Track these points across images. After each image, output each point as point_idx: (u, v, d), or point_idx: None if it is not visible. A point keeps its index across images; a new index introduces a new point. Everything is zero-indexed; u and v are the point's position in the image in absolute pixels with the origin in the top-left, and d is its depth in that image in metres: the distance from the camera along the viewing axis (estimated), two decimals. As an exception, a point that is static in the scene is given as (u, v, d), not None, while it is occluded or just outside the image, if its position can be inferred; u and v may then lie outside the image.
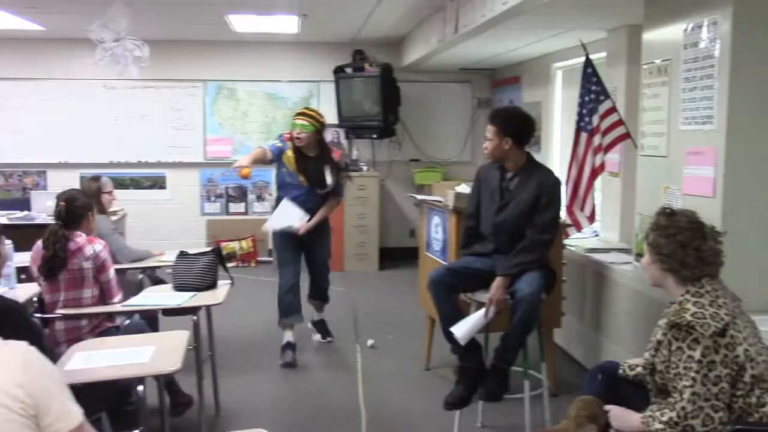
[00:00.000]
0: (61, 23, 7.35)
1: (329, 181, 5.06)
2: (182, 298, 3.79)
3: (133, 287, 4.51)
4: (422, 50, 7.33)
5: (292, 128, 4.96)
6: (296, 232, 5.00)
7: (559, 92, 7.13)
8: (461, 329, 3.51)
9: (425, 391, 4.55)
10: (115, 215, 5.39)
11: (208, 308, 3.95)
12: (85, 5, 6.02)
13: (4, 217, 7.01)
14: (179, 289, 3.96)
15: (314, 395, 4.53)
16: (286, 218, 5.05)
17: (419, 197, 5.21)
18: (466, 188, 4.29)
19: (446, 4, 6.04)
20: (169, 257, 4.61)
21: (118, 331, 3.66)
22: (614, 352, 4.32)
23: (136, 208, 8.11)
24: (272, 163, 5.05)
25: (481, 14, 5.06)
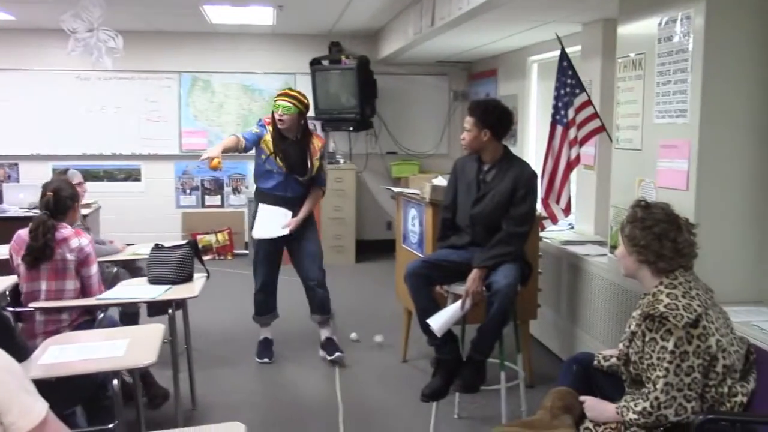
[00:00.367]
0: (32, 13, 7.24)
1: (309, 166, 4.78)
2: (157, 291, 3.76)
3: (107, 281, 4.47)
4: (399, 43, 7.32)
5: (274, 110, 4.68)
6: (286, 233, 4.75)
7: (535, 85, 7.16)
8: (438, 321, 3.53)
9: (402, 383, 4.56)
10: (88, 208, 5.32)
11: (183, 301, 3.93)
12: (57, -5, 5.95)
13: (-26, 210, 6.91)
14: (154, 282, 3.93)
15: (291, 388, 4.52)
16: (271, 222, 4.81)
17: (396, 190, 5.21)
18: (442, 181, 4.30)
19: (423, -4, 6.04)
20: (143, 250, 4.57)
21: (94, 324, 3.63)
22: (589, 343, 4.36)
23: (110, 200, 8.03)
24: (247, 151, 4.75)
25: (457, 7, 5.07)
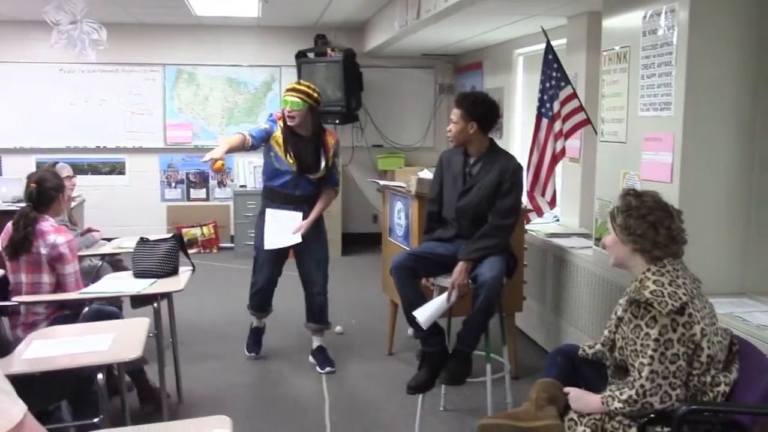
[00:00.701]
0: (14, 4, 7.17)
1: (322, 165, 4.52)
2: (142, 285, 3.74)
3: (90, 275, 4.45)
4: (384, 36, 7.31)
5: (283, 105, 4.42)
6: (299, 241, 4.51)
7: (520, 78, 7.17)
8: (424, 314, 3.53)
9: (388, 376, 4.57)
10: (73, 201, 5.29)
11: (169, 295, 3.91)
12: (39, -14, 5.88)
13: (-43, 203, 6.85)
14: (139, 276, 3.91)
15: (277, 382, 4.52)
16: (280, 229, 4.54)
17: (382, 183, 5.21)
18: (428, 174, 4.30)
19: (408, -11, 6.03)
20: (128, 244, 4.55)
21: (73, 319, 3.60)
22: (574, 335, 4.38)
23: (94, 194, 7.99)
24: (255, 149, 4.49)
25: (443, -1, 5.06)
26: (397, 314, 4.77)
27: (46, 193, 3.72)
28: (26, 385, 2.52)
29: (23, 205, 3.75)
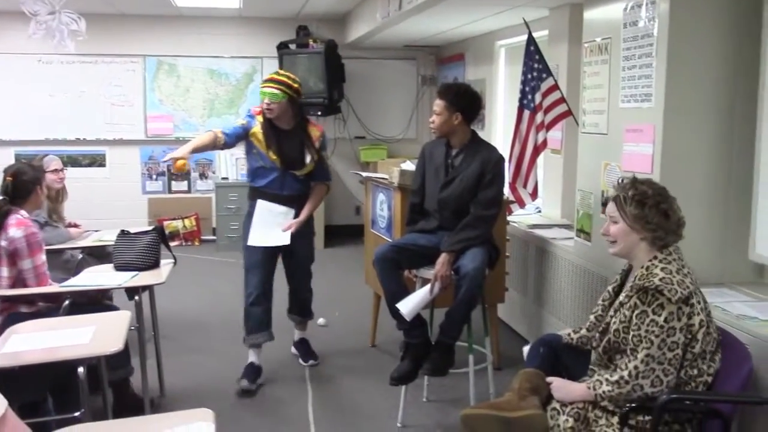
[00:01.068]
0: (-9, -5, 7.08)
1: (308, 160, 4.26)
2: (123, 278, 3.72)
3: (68, 269, 4.41)
4: (366, 27, 7.29)
5: (261, 97, 4.16)
6: (287, 242, 4.25)
7: (502, 70, 7.18)
8: (407, 306, 3.53)
9: (371, 367, 4.58)
10: (64, 194, 5.17)
11: (150, 288, 3.89)
12: (16, -24, 5.81)
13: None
14: (120, 269, 3.88)
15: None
16: (269, 226, 4.28)
17: (364, 174, 5.20)
18: (411, 165, 4.31)
19: (390, -20, 6.01)
20: (109, 236, 4.52)
21: (30, 316, 3.52)
22: (556, 325, 4.41)
23: (74, 186, 7.80)
24: (229, 147, 4.24)
25: (425, -9, 5.06)
26: (380, 306, 4.77)
27: (22, 186, 3.68)
28: (9, 378, 2.50)
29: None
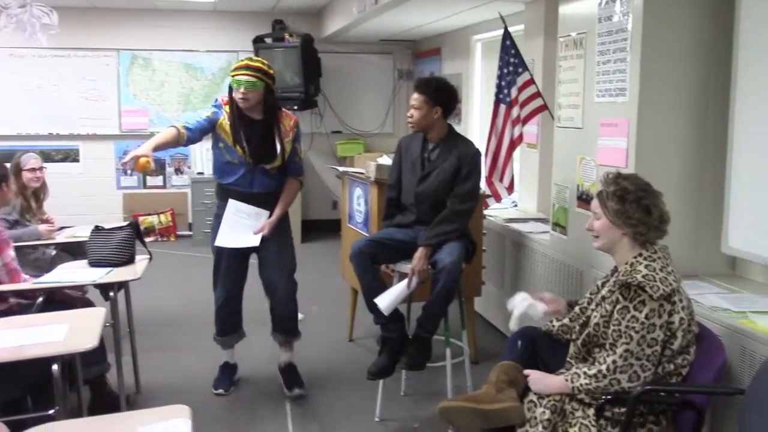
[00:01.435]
0: (-39, -13, 6.95)
1: (278, 151, 3.93)
2: (98, 274, 3.68)
3: (37, 266, 4.37)
4: (343, 21, 7.27)
5: (235, 87, 3.81)
6: (257, 244, 3.96)
7: (479, 64, 7.20)
8: (385, 300, 3.54)
9: (349, 361, 4.58)
10: (42, 193, 5.08)
11: (125, 284, 3.86)
12: (-14, -32, 5.72)
13: None
14: (95, 265, 3.85)
15: (240, 370, 4.49)
16: (239, 226, 3.96)
17: (341, 169, 5.19)
18: (387, 160, 4.31)
19: (366, -26, 6.00)
20: (83, 232, 4.47)
21: (2, 314, 3.47)
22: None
23: (47, 182, 7.80)
24: (192, 143, 3.96)
25: (401, -15, 5.05)
26: (357, 301, 4.77)
27: None
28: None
29: None
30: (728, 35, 3.25)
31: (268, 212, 4.00)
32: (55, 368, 2.75)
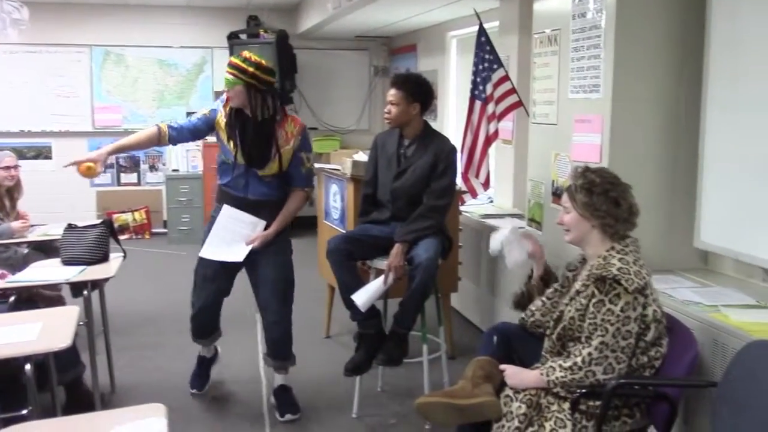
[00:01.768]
0: (-72, -18, 6.84)
1: (271, 157, 3.63)
2: (71, 272, 3.65)
3: (9, 265, 4.31)
4: (318, 17, 7.25)
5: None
6: (240, 256, 3.68)
7: (454, 61, 7.22)
8: (361, 297, 3.54)
9: (326, 358, 4.58)
10: (15, 191, 5.01)
11: (99, 282, 3.82)
12: (-45, -37, 5.62)
13: None
14: (68, 263, 3.81)
15: (214, 367, 4.47)
16: (228, 236, 3.69)
17: (317, 166, 5.18)
18: (363, 156, 4.30)
19: (342, -30, 5.98)
20: (56, 231, 4.42)
21: None
22: (509, 314, 4.44)
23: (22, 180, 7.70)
24: (176, 143, 3.82)
25: (376, -19, 5.04)
26: (333, 297, 4.77)
27: None
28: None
29: None
30: (700, 31, 3.29)
31: (265, 223, 3.71)
32: (28, 368, 2.72)
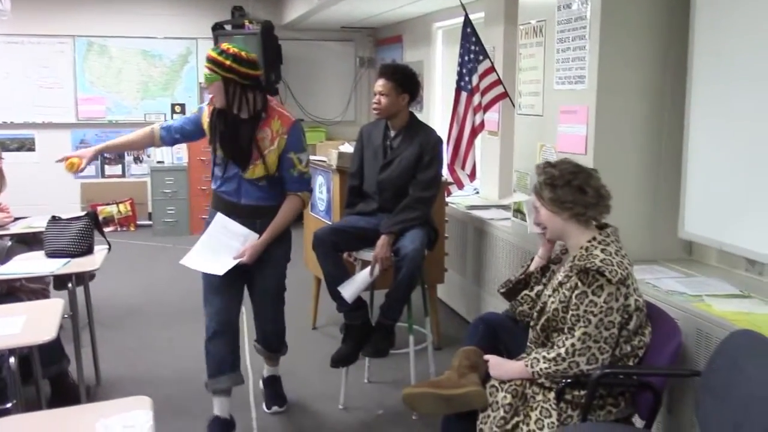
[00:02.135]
0: None
1: (255, 158, 3.31)
2: (55, 265, 3.62)
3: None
4: (303, 7, 7.21)
5: None
6: (224, 268, 3.33)
7: (440, 52, 7.21)
8: (348, 288, 3.54)
9: (312, 350, 4.58)
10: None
11: (84, 275, 3.80)
12: (-66, -48, 5.55)
13: None
14: (52, 256, 3.78)
15: (198, 361, 4.43)
16: (219, 245, 3.38)
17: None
18: (349, 148, 4.29)
19: (327, -40, 5.95)
20: (39, 223, 4.39)
21: None
22: (494, 304, 4.47)
23: (5, 172, 7.64)
24: (167, 145, 3.66)
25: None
26: (320, 289, 4.77)
27: None
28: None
29: None
30: (685, 23, 3.30)
31: (257, 236, 3.38)
32: (12, 361, 2.70)
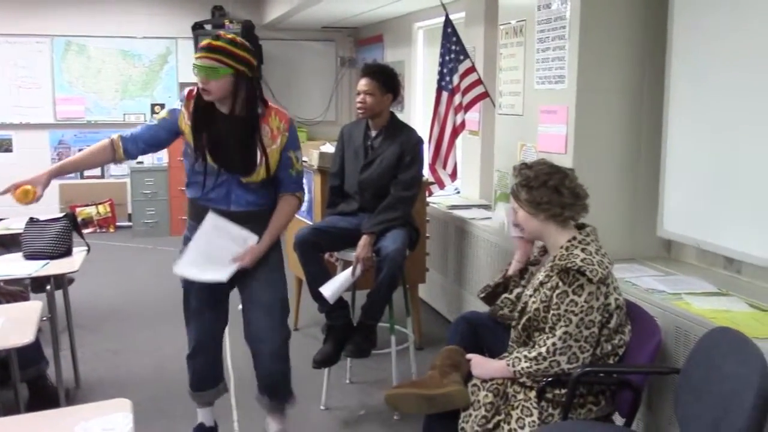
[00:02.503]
0: None
1: (258, 159, 2.94)
2: (33, 267, 3.58)
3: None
4: (284, 7, 7.19)
5: (195, 74, 2.84)
6: (224, 275, 2.99)
7: (421, 52, 7.22)
8: (330, 289, 3.54)
9: (294, 350, 4.50)
10: None
11: (63, 276, 3.77)
12: None
13: None
14: (30, 257, 3.74)
15: (179, 361, 4.41)
16: (216, 250, 2.98)
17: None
18: (330, 148, 4.29)
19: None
20: (17, 225, 4.34)
21: None
22: (476, 303, 4.46)
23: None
24: (132, 158, 3.11)
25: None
26: (301, 289, 4.75)
27: None
28: None
29: None
30: (664, 23, 3.33)
31: (257, 237, 3.03)
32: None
